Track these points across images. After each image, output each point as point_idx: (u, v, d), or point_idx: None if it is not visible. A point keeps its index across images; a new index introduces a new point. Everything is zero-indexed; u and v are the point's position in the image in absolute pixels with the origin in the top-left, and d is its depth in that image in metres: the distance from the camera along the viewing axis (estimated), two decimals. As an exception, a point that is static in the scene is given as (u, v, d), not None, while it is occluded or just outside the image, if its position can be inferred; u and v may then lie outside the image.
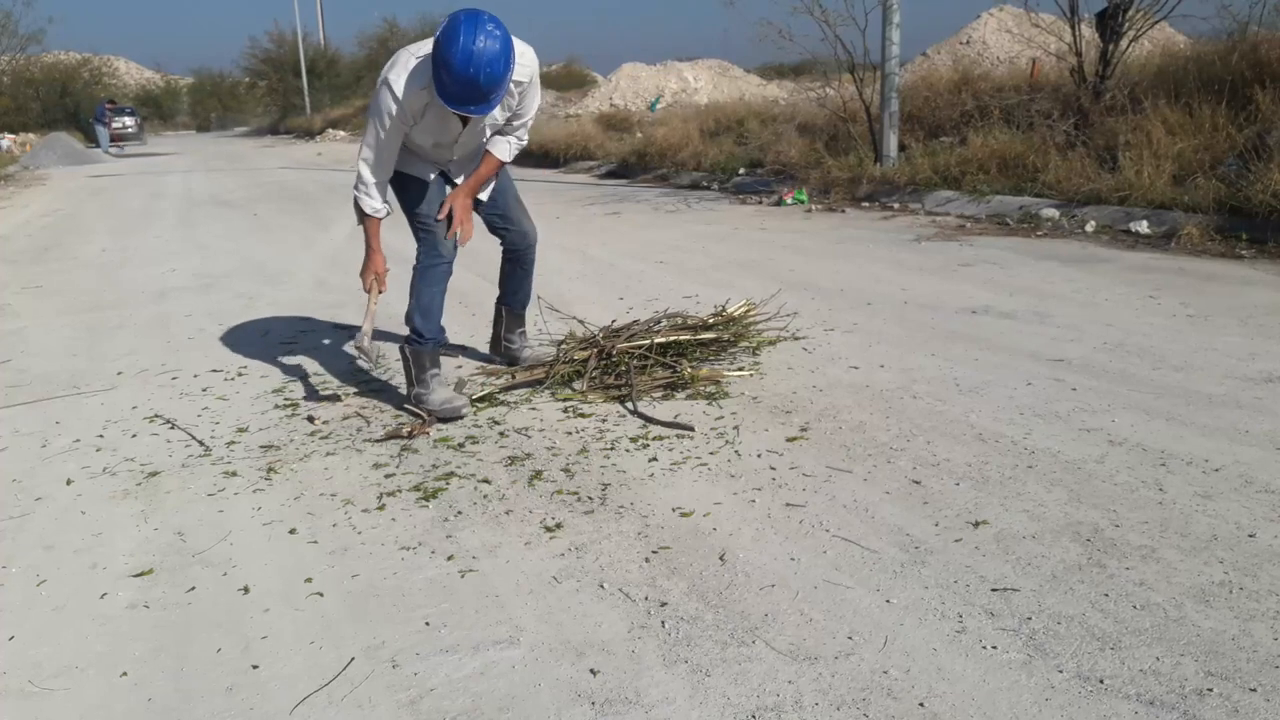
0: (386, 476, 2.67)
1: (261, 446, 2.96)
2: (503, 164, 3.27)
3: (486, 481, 2.61)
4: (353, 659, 1.81)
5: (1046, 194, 6.78)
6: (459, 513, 2.42)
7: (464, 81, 2.73)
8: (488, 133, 3.18)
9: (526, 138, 3.27)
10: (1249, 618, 1.81)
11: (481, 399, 3.28)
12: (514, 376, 3.42)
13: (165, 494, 2.63)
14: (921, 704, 1.61)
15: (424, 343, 3.23)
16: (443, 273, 3.31)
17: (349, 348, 4.09)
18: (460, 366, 3.75)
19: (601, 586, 2.03)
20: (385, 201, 3.23)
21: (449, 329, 4.40)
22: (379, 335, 3.55)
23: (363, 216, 3.23)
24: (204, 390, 3.59)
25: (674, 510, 2.38)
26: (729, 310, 3.81)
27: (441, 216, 3.26)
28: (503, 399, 3.30)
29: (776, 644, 1.80)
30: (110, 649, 1.88)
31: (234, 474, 2.74)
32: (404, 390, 3.31)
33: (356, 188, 3.17)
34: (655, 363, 3.38)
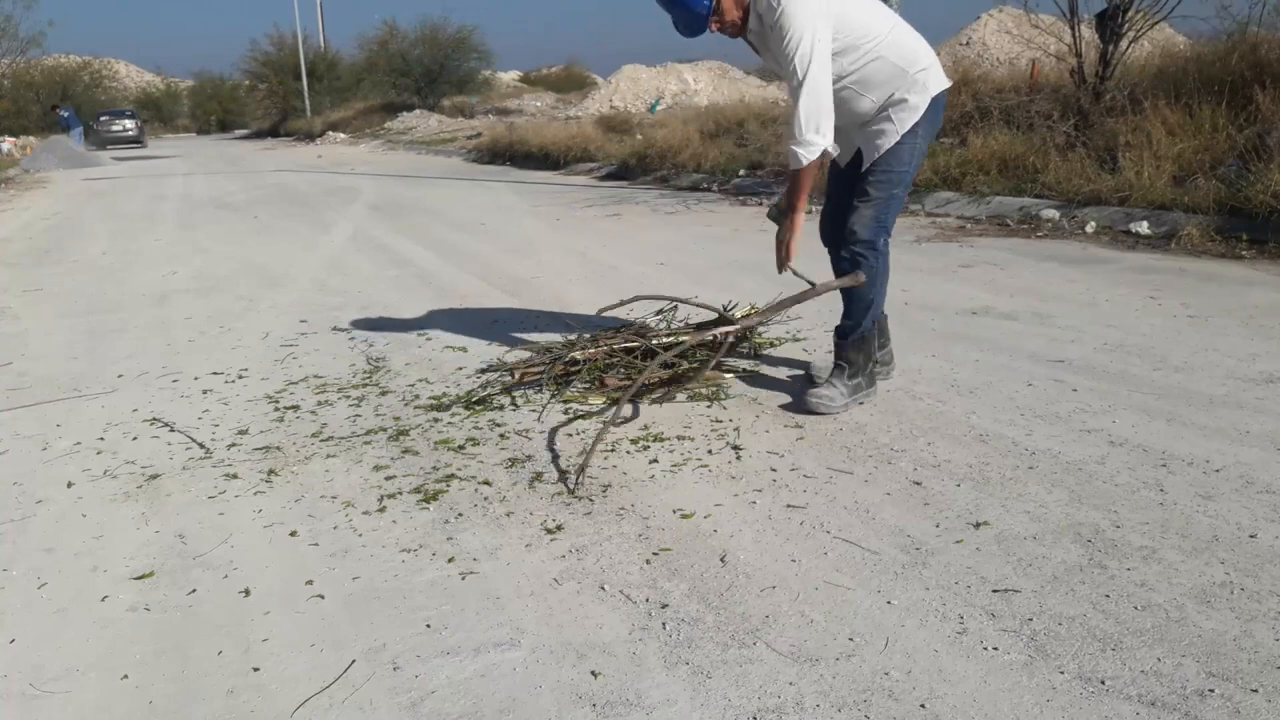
0: (387, 479, 2.67)
1: (262, 449, 2.96)
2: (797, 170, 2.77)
3: (487, 483, 2.61)
4: (353, 661, 1.81)
5: (1046, 195, 6.78)
6: (460, 515, 2.42)
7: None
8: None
9: (797, 148, 2.69)
10: (1250, 618, 1.81)
11: (480, 400, 3.28)
12: (514, 376, 3.42)
13: (166, 497, 2.63)
14: (923, 705, 1.61)
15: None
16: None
17: (351, 347, 4.09)
18: (462, 368, 3.75)
19: (602, 588, 2.03)
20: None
21: (448, 327, 4.41)
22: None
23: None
24: (204, 393, 3.59)
25: (675, 512, 2.38)
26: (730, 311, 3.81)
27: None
28: (503, 400, 3.30)
29: (777, 645, 1.80)
30: (111, 652, 1.88)
31: (235, 476, 2.74)
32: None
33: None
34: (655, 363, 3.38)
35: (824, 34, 2.67)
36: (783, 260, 2.99)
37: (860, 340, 3.03)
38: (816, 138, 2.67)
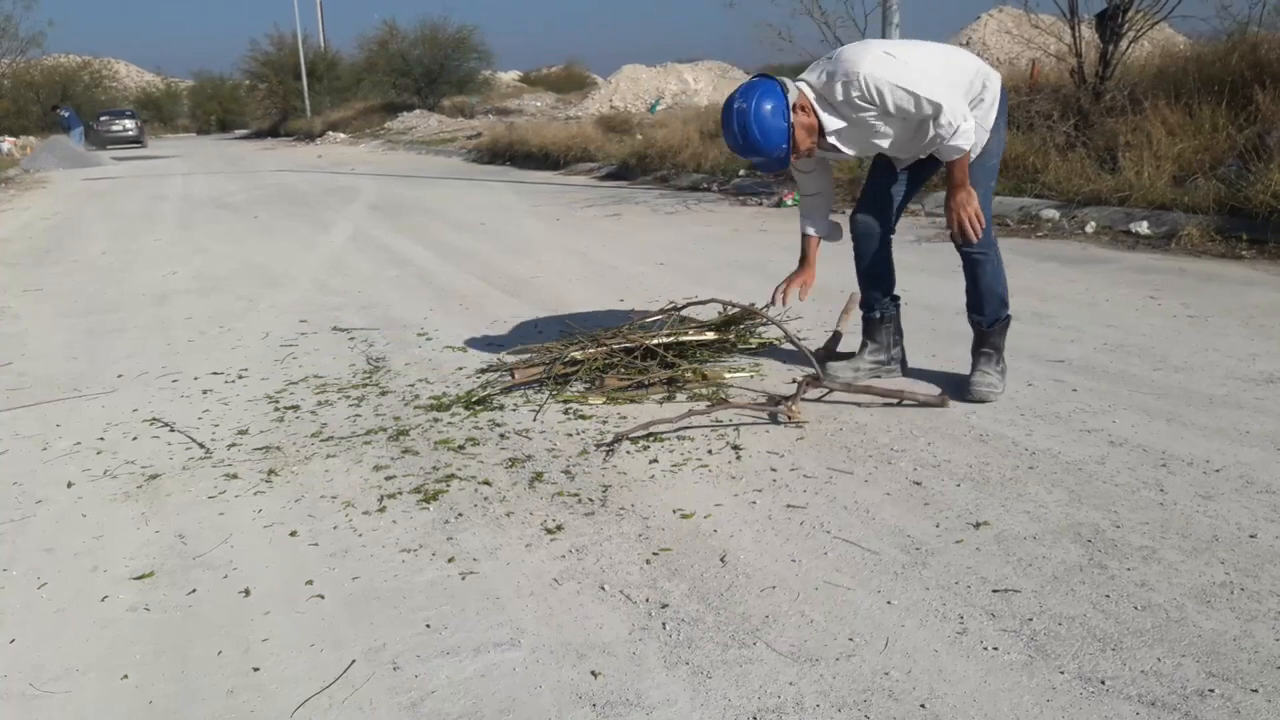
0: (387, 479, 2.67)
1: (262, 449, 2.96)
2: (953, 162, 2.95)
3: (487, 483, 2.61)
4: (353, 661, 1.81)
5: (1046, 195, 6.77)
6: (460, 515, 2.42)
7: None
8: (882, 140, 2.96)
9: (955, 142, 2.84)
10: (1250, 618, 1.81)
11: (480, 400, 3.28)
12: (514, 376, 3.42)
13: (166, 497, 2.63)
14: (923, 705, 1.61)
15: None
16: None
17: (351, 347, 4.10)
18: (462, 368, 3.75)
19: (602, 588, 2.03)
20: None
21: (448, 327, 4.41)
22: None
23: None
24: (204, 393, 3.59)
25: (675, 512, 2.38)
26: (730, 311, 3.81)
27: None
28: (503, 400, 3.30)
29: (777, 645, 1.80)
30: (111, 652, 1.88)
31: (235, 476, 2.74)
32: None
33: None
34: (655, 363, 3.38)
35: (919, 71, 2.82)
36: (975, 231, 3.02)
37: (1003, 325, 3.15)
38: (967, 126, 2.82)
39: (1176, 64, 7.59)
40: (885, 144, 2.97)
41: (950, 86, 2.86)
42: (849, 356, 3.41)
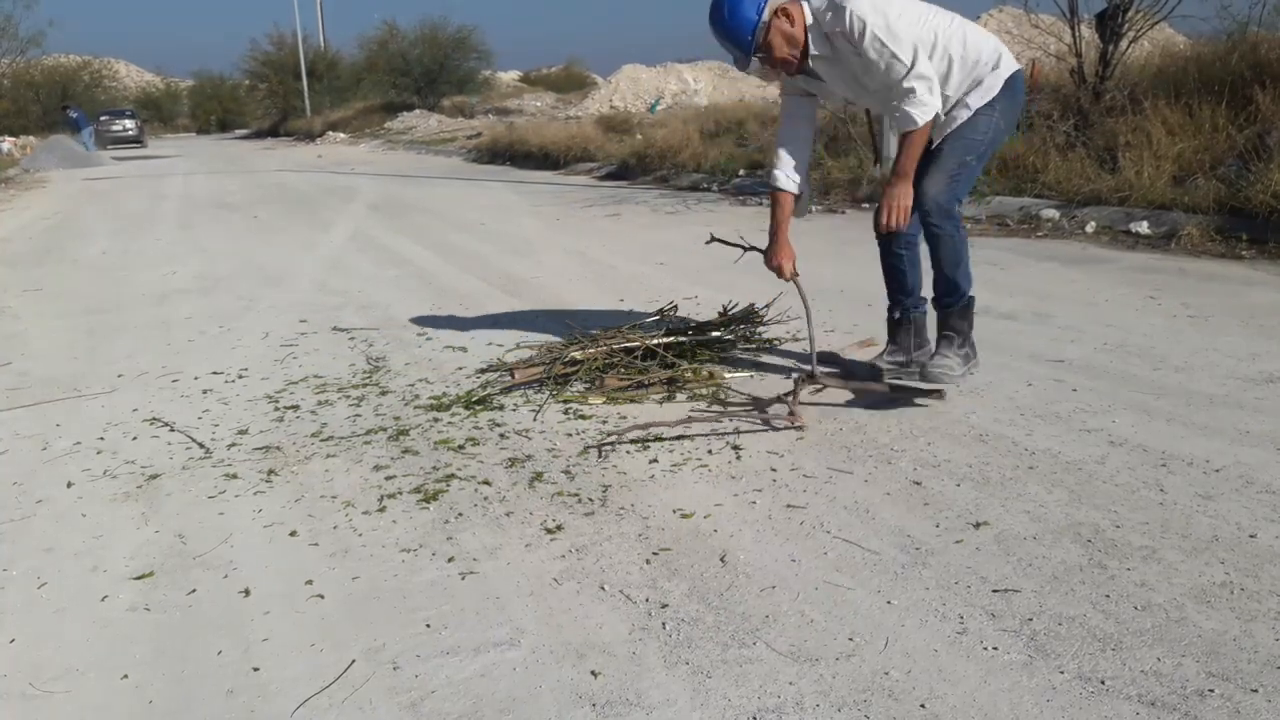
0: (387, 478, 2.67)
1: (262, 449, 2.95)
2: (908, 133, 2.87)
3: (487, 483, 2.61)
4: (353, 661, 1.81)
5: (1046, 195, 6.77)
6: (459, 514, 2.42)
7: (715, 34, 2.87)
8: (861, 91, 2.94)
9: (915, 109, 2.78)
10: (1250, 618, 1.81)
11: (480, 400, 3.28)
12: (513, 376, 3.42)
13: (166, 496, 2.63)
14: (923, 705, 1.61)
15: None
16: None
17: (351, 347, 4.09)
18: (462, 368, 3.75)
19: (602, 588, 2.03)
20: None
21: (448, 327, 4.41)
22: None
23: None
24: (204, 393, 3.59)
25: (675, 512, 2.38)
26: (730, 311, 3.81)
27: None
28: (503, 400, 3.30)
29: (777, 645, 1.80)
30: (111, 651, 1.88)
31: (234, 476, 2.74)
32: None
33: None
34: (655, 363, 3.38)
35: (907, 29, 2.78)
36: (897, 223, 2.96)
37: (964, 308, 3.05)
38: (931, 99, 2.78)
39: (1176, 64, 7.59)
40: (863, 93, 2.93)
41: (938, 58, 2.82)
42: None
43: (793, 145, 3.09)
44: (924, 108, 2.79)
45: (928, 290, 3.22)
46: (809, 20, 2.85)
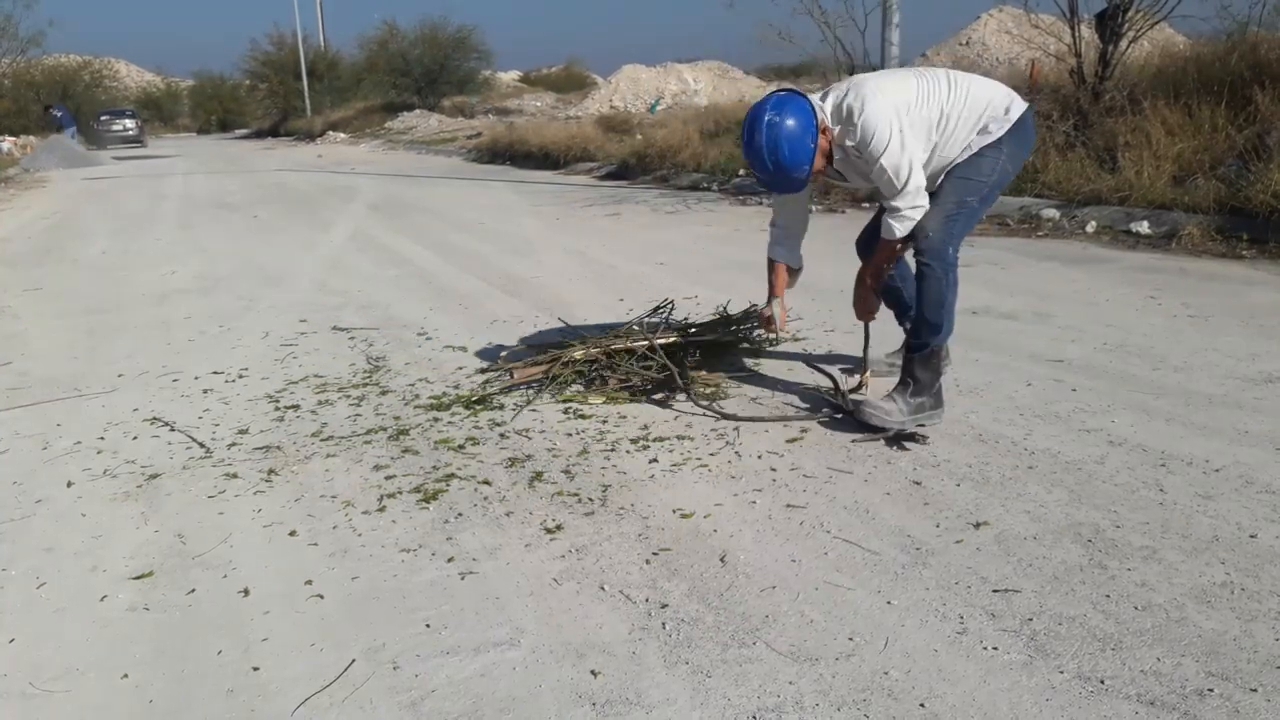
0: (387, 478, 2.67)
1: (262, 448, 2.96)
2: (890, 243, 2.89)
3: (487, 483, 2.61)
4: (353, 661, 1.81)
5: (1047, 194, 6.78)
6: (459, 514, 2.42)
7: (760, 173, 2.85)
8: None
9: (898, 223, 2.80)
10: (1250, 618, 1.81)
11: (480, 400, 3.28)
12: (513, 376, 3.42)
13: (166, 496, 2.63)
14: (922, 705, 1.61)
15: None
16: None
17: (351, 346, 4.09)
18: (462, 368, 3.75)
19: (602, 588, 2.03)
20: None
21: (448, 327, 4.41)
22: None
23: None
24: (204, 392, 3.59)
25: (675, 512, 2.38)
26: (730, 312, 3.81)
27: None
28: (503, 400, 3.30)
29: (777, 645, 1.80)
30: (111, 651, 1.88)
31: (234, 476, 2.74)
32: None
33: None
34: (655, 363, 3.38)
35: (910, 141, 2.75)
36: (872, 310, 3.08)
37: (927, 357, 2.86)
38: (915, 215, 2.78)
39: (1176, 64, 7.59)
40: (869, 183, 2.92)
41: (947, 131, 2.80)
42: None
43: (789, 235, 3.17)
44: (906, 223, 2.78)
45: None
46: (834, 131, 2.80)
